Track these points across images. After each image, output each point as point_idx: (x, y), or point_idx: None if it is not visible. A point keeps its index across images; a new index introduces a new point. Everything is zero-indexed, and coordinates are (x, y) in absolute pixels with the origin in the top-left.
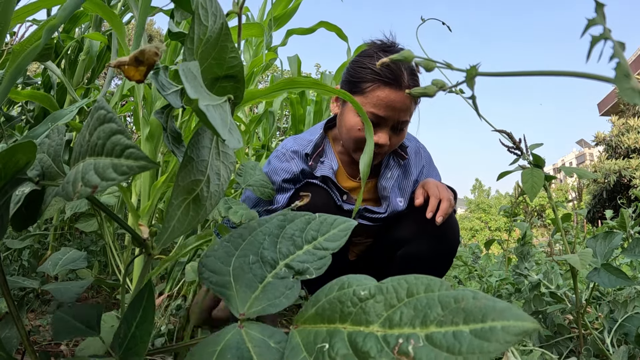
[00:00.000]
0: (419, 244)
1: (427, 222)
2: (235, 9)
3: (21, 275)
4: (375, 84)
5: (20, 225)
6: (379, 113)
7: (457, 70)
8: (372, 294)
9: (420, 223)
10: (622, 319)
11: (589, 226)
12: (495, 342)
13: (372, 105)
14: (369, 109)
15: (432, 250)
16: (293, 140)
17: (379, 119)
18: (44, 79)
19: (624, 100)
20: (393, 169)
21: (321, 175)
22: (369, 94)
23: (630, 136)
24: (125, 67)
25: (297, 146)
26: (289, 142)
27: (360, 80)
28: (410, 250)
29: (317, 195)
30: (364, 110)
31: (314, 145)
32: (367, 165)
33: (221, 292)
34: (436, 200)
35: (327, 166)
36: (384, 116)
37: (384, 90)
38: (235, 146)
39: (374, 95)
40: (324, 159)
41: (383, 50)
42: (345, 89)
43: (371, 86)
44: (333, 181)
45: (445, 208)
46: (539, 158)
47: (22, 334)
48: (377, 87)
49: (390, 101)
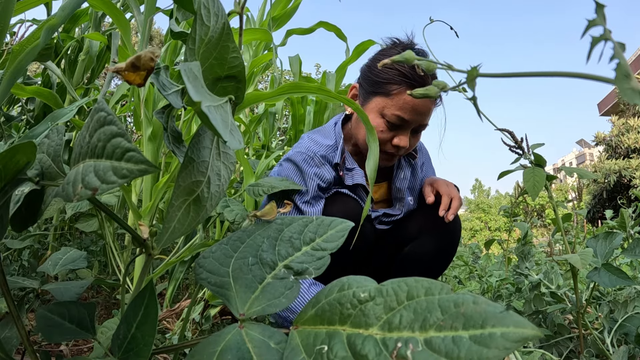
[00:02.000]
0: (427, 239)
1: (435, 219)
2: (237, 8)
3: (21, 275)
4: (403, 87)
5: (20, 226)
6: (404, 116)
7: (458, 72)
8: (372, 296)
9: (429, 219)
10: (622, 319)
11: (589, 226)
12: (495, 349)
13: (398, 108)
14: (394, 112)
15: (440, 245)
16: (314, 143)
17: (403, 121)
18: (43, 78)
19: (624, 101)
20: (405, 170)
21: (353, 183)
22: (396, 97)
23: (630, 136)
24: (125, 73)
25: (323, 151)
26: (312, 146)
27: (387, 81)
28: (419, 245)
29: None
30: (388, 112)
31: (339, 152)
32: (373, 171)
33: (220, 292)
34: (448, 199)
35: (359, 174)
36: (408, 119)
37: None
38: (236, 147)
39: (401, 98)
40: (351, 166)
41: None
42: (366, 88)
43: (398, 89)
44: (365, 187)
45: (457, 206)
46: (541, 157)
47: (22, 334)
48: (405, 90)
49: (416, 105)
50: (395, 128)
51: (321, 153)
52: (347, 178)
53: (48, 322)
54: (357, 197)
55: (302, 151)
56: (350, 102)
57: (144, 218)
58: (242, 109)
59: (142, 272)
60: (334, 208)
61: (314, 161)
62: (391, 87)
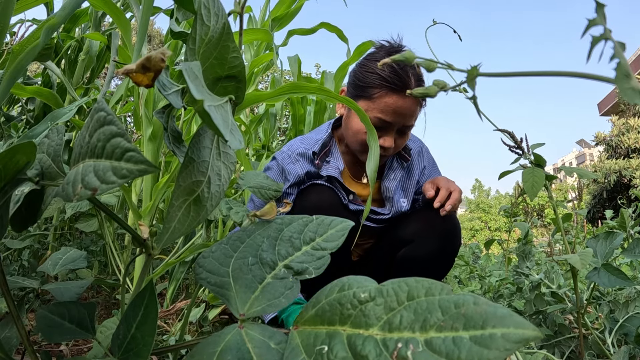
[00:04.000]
0: (422, 243)
1: (432, 221)
2: (237, 8)
3: (21, 275)
4: (383, 90)
5: (20, 226)
6: (385, 118)
7: (458, 71)
8: (373, 296)
9: (425, 222)
10: (623, 320)
11: (589, 226)
12: (495, 350)
13: (379, 110)
14: (375, 114)
15: (436, 249)
16: (299, 141)
17: (385, 123)
18: (43, 78)
19: (624, 100)
20: (396, 171)
21: (327, 175)
22: (377, 100)
23: (631, 136)
24: (133, 74)
25: (302, 147)
26: (295, 144)
27: (368, 85)
28: (414, 249)
29: (323, 195)
30: (371, 114)
31: (321, 143)
32: (373, 171)
33: (220, 292)
34: (446, 192)
35: (334, 166)
36: (390, 121)
37: (392, 96)
38: (236, 147)
39: (382, 101)
40: (330, 159)
41: (390, 53)
42: (351, 92)
43: (379, 92)
44: (339, 181)
45: (456, 199)
46: (540, 158)
47: (22, 334)
48: (385, 94)
49: (397, 107)
50: (379, 130)
51: (299, 150)
52: (324, 168)
53: (48, 322)
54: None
55: (284, 149)
56: (351, 102)
57: (144, 218)
58: (242, 109)
59: (142, 272)
60: (308, 198)
61: (291, 158)
62: (373, 91)
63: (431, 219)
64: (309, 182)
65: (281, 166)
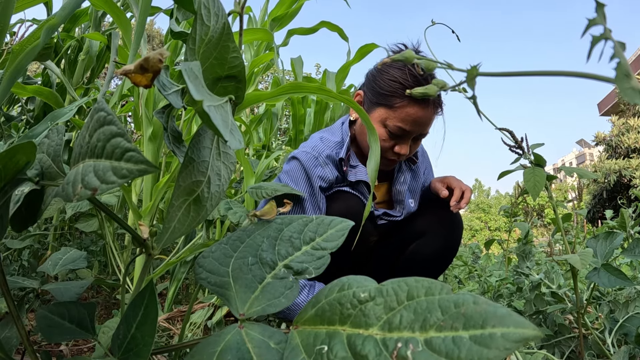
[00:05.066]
0: (430, 239)
1: (440, 218)
2: (237, 8)
3: (21, 275)
4: (405, 101)
5: (20, 226)
6: (405, 127)
7: (457, 71)
8: (372, 296)
9: (435, 216)
10: (623, 320)
11: (589, 226)
12: (495, 349)
13: (400, 120)
14: (396, 123)
15: (446, 241)
16: (321, 141)
17: (404, 132)
18: (43, 78)
19: (624, 100)
20: (405, 173)
21: (356, 180)
22: (398, 109)
23: (631, 136)
24: (132, 75)
25: (328, 150)
26: (319, 145)
27: (390, 94)
28: (425, 242)
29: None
30: (390, 123)
31: (346, 148)
32: (374, 171)
33: (220, 292)
34: (460, 191)
35: (362, 170)
36: (409, 130)
37: (414, 107)
38: (236, 147)
39: (403, 111)
40: (353, 163)
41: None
42: (371, 97)
43: (401, 102)
44: (368, 185)
45: (469, 197)
46: (541, 157)
47: (22, 334)
48: (407, 104)
49: (418, 117)
50: (397, 137)
51: (327, 152)
52: (351, 174)
53: (48, 322)
54: (358, 194)
55: (308, 150)
56: (351, 102)
57: (144, 218)
58: (242, 109)
59: (142, 272)
60: (335, 206)
61: (318, 161)
62: (394, 100)
63: (440, 214)
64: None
65: (307, 169)
